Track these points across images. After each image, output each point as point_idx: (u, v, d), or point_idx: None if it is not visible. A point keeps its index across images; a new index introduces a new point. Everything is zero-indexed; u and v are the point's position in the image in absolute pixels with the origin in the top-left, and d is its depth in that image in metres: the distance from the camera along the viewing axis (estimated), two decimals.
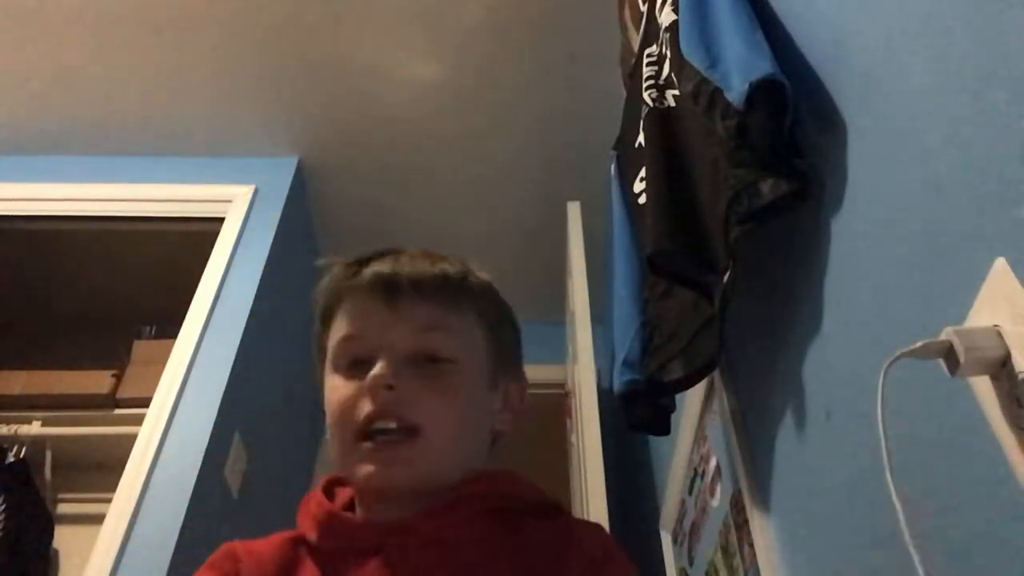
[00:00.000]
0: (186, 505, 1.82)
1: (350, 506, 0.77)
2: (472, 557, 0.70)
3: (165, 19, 2.32)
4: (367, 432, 0.70)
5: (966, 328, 0.59)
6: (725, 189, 0.97)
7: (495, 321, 0.79)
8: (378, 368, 0.70)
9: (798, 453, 1.02)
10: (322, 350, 0.78)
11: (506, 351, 0.80)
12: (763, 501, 1.14)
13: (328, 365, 0.76)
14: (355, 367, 0.73)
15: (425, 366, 0.72)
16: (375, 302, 0.74)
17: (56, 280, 2.98)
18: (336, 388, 0.73)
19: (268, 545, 0.75)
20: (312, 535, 0.73)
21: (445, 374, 0.73)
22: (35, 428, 2.52)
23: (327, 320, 0.78)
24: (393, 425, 0.70)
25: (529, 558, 0.70)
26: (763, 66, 0.93)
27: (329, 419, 0.74)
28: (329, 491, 0.78)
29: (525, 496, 0.76)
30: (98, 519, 1.84)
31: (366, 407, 0.70)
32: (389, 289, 0.74)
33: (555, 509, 0.77)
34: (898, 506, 0.61)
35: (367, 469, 0.70)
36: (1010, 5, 0.61)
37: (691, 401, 1.51)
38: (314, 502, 0.76)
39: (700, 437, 1.51)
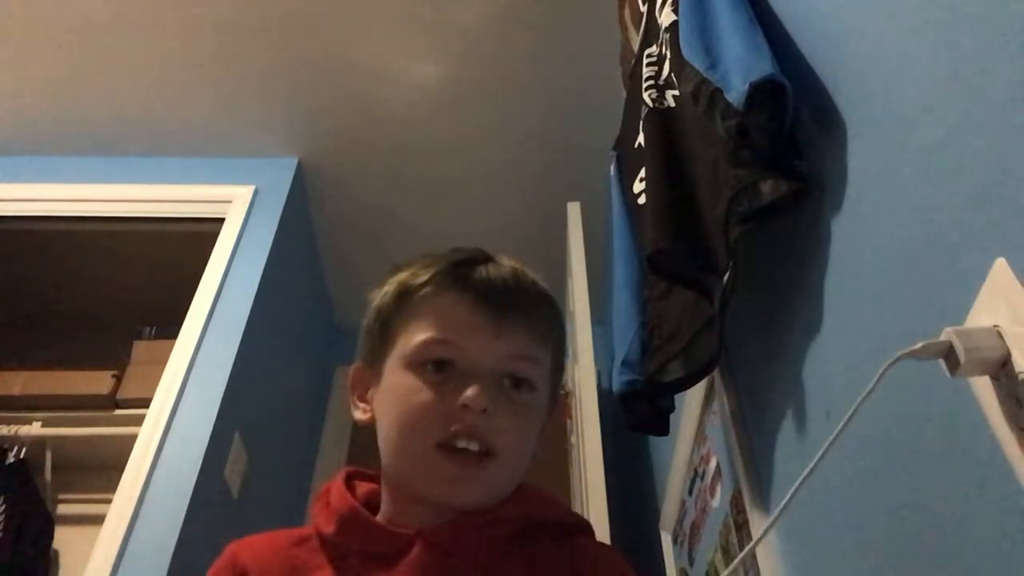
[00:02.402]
0: (186, 505, 1.82)
1: (368, 502, 0.76)
2: (485, 571, 0.70)
3: (165, 20, 2.32)
4: (446, 445, 0.69)
5: (966, 328, 0.59)
6: (725, 189, 0.97)
7: (561, 348, 0.79)
8: (475, 391, 0.68)
9: (798, 453, 1.02)
10: (389, 337, 0.75)
11: (561, 377, 0.80)
12: (763, 501, 1.14)
13: (400, 359, 0.73)
14: (437, 370, 0.71)
15: (510, 391, 0.72)
16: (480, 314, 0.72)
17: (56, 280, 2.98)
18: (414, 390, 0.71)
19: (273, 543, 0.74)
20: (328, 528, 0.72)
21: (527, 403, 0.73)
22: (35, 428, 2.52)
23: (409, 311, 0.74)
24: (476, 448, 0.69)
25: (537, 573, 0.70)
26: (763, 67, 0.93)
27: (401, 418, 0.71)
28: (349, 484, 0.77)
29: (551, 517, 0.76)
30: (98, 519, 1.85)
31: (453, 423, 0.69)
32: (498, 303, 0.73)
33: (577, 530, 0.77)
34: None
35: (441, 485, 0.69)
36: (1010, 4, 0.61)
37: (691, 401, 1.51)
38: (335, 495, 0.75)
39: (700, 437, 1.51)
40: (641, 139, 1.29)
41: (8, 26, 2.32)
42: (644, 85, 1.30)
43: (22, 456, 2.47)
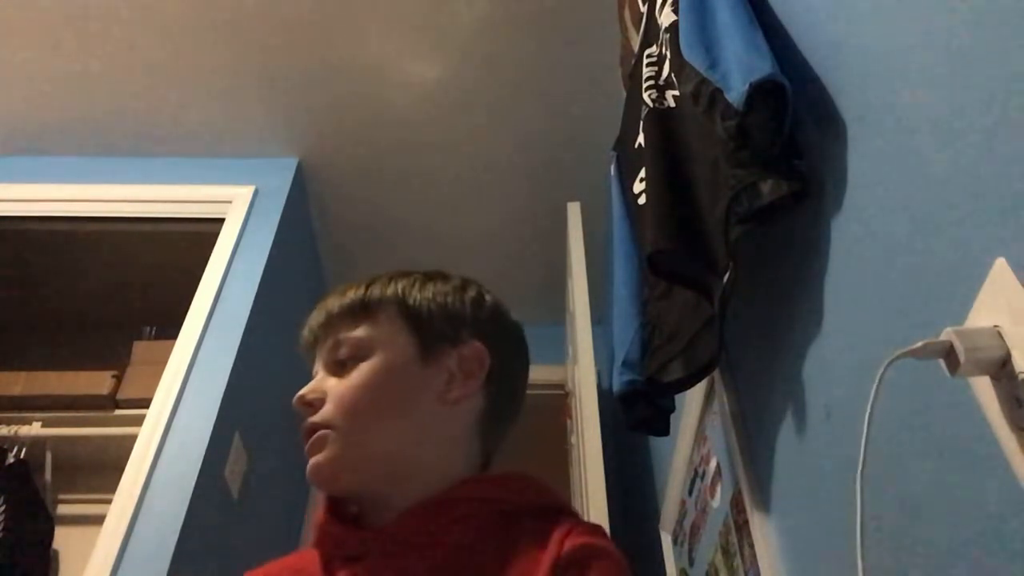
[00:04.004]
0: (186, 506, 1.82)
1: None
2: (453, 560, 0.71)
3: (166, 20, 2.32)
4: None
5: (966, 328, 0.59)
6: (725, 189, 0.97)
7: (412, 309, 0.82)
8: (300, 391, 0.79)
9: (798, 453, 1.02)
10: None
11: (431, 326, 0.82)
12: (763, 501, 1.14)
13: None
14: None
15: (339, 372, 0.79)
16: (309, 354, 0.84)
17: (56, 280, 2.98)
18: None
19: (280, 565, 0.80)
20: (314, 539, 0.78)
21: (352, 368, 0.79)
22: (35, 429, 2.52)
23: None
24: (312, 438, 0.76)
25: (510, 560, 0.70)
26: (763, 67, 0.93)
27: None
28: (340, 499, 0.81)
29: (522, 499, 0.77)
30: (98, 519, 1.84)
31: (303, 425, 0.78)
32: (314, 320, 0.84)
33: (557, 512, 0.77)
34: (858, 509, 0.61)
35: (307, 469, 0.76)
36: (1009, 3, 0.61)
37: (691, 402, 1.51)
38: (318, 509, 0.79)
39: (700, 438, 1.51)
40: (641, 139, 1.29)
41: (7, 27, 2.33)
42: (644, 85, 1.30)
43: (22, 456, 2.47)
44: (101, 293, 2.99)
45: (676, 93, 1.18)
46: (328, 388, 0.78)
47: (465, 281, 0.87)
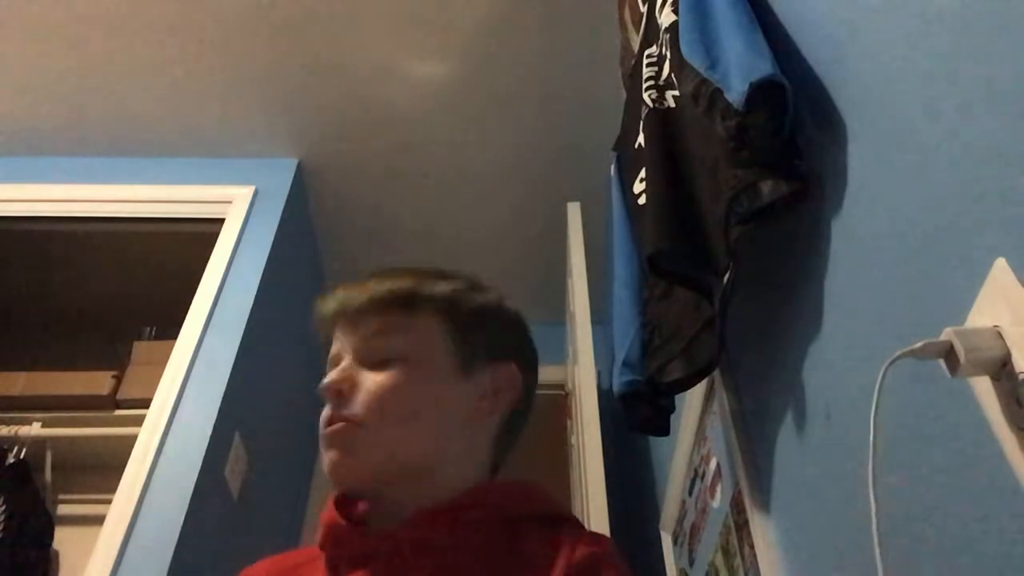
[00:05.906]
0: (186, 506, 1.82)
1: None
2: (460, 564, 0.72)
3: (166, 20, 2.32)
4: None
5: (966, 328, 0.59)
6: (725, 190, 0.97)
7: (458, 319, 0.81)
8: (329, 376, 0.77)
9: (798, 453, 1.02)
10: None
11: (473, 337, 0.82)
12: (763, 501, 1.14)
13: None
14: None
15: (374, 366, 0.77)
16: (338, 327, 0.81)
17: (56, 280, 2.98)
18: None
19: (277, 564, 0.80)
20: (320, 540, 0.77)
21: (390, 370, 0.77)
22: (35, 429, 2.52)
23: (328, 342, 0.84)
24: (339, 426, 0.75)
25: (516, 565, 0.71)
26: (763, 67, 0.93)
27: None
28: (349, 499, 0.80)
29: (529, 508, 0.78)
30: (98, 520, 1.84)
31: (326, 412, 0.77)
32: (354, 298, 0.81)
33: (562, 521, 0.78)
34: (872, 508, 0.61)
35: (324, 461, 0.75)
36: (1010, 6, 0.61)
37: (691, 402, 1.51)
38: (326, 507, 0.79)
39: (700, 438, 1.51)
40: (641, 139, 1.29)
41: (8, 27, 2.32)
42: (644, 85, 1.30)
43: (22, 456, 2.47)
44: (101, 293, 2.99)
45: (676, 93, 1.18)
46: (360, 380, 0.77)
47: (501, 296, 0.88)
